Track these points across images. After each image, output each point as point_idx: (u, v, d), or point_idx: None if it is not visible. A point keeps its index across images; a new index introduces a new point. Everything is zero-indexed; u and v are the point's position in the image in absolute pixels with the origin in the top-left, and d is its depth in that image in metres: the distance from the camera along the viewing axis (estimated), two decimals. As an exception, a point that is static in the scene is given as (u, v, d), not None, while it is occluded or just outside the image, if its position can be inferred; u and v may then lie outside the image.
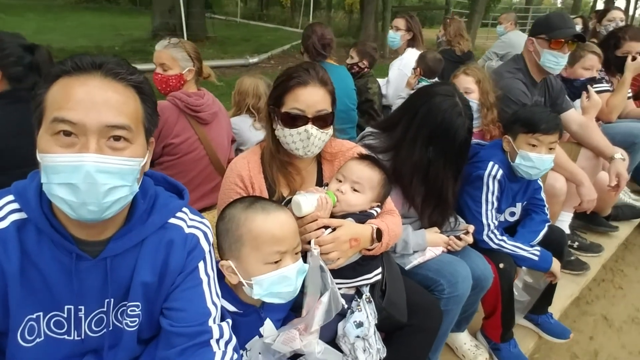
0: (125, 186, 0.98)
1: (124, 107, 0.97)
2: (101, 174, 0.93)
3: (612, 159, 2.78)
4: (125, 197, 0.99)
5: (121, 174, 0.96)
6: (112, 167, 0.94)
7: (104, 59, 0.99)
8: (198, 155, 2.47)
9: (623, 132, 3.27)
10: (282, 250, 1.26)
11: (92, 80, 0.96)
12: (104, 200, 0.94)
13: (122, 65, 1.00)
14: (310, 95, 1.52)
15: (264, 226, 1.25)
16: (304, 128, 1.52)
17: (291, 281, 1.27)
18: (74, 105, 0.93)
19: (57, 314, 1.09)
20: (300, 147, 1.55)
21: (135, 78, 1.02)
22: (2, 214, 1.02)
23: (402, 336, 1.69)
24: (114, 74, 0.98)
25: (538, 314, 2.39)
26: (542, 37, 2.65)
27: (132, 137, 0.98)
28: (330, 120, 1.58)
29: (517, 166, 2.06)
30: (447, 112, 1.83)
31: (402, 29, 4.11)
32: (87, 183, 0.92)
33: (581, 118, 2.93)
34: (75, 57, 0.97)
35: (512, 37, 5.55)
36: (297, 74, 1.53)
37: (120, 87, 0.98)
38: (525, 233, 2.17)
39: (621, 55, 3.41)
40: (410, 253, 1.90)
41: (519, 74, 2.74)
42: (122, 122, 0.96)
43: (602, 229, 3.36)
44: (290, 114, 1.52)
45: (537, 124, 2.00)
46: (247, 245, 1.25)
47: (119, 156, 0.96)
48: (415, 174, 1.90)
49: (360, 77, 3.78)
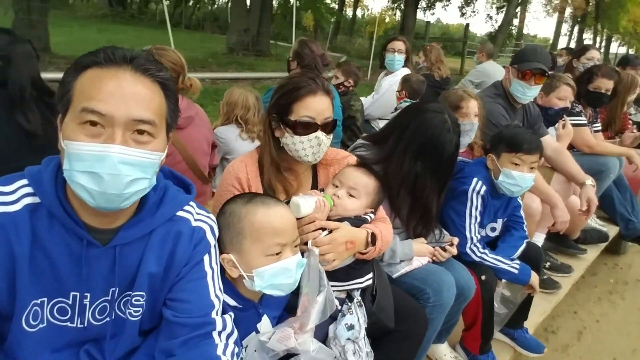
0: (145, 179, 1.01)
1: (151, 103, 1.00)
2: (125, 165, 0.95)
3: (584, 184, 2.93)
4: (144, 189, 1.02)
5: (143, 167, 0.99)
6: (135, 159, 0.97)
7: (135, 53, 1.01)
8: (174, 160, 2.42)
9: (590, 161, 3.46)
10: (282, 242, 1.29)
11: (123, 74, 0.98)
12: (125, 190, 0.97)
13: (151, 61, 1.03)
14: (319, 104, 1.59)
15: (265, 218, 1.29)
16: (315, 135, 1.58)
17: (291, 273, 1.31)
18: (104, 97, 0.95)
19: (62, 300, 1.09)
20: (310, 154, 1.61)
21: (163, 75, 1.04)
22: (15, 197, 1.03)
23: (389, 342, 1.72)
24: (144, 69, 1.00)
25: (514, 328, 2.46)
26: (514, 66, 2.85)
27: (155, 131, 1.01)
28: (334, 126, 1.65)
29: (500, 183, 2.15)
30: (437, 128, 1.91)
31: (404, 51, 4.29)
32: (111, 174, 0.94)
33: (555, 144, 3.10)
34: (108, 49, 1.00)
35: (486, 67, 5.83)
36: (306, 83, 1.59)
37: (149, 83, 1.01)
38: (505, 248, 2.25)
39: (592, 90, 3.65)
40: (398, 262, 1.95)
41: (499, 99, 2.90)
42: (148, 116, 0.99)
43: (571, 251, 3.50)
44: (301, 121, 1.58)
45: (520, 144, 2.11)
46: (249, 237, 1.28)
47: (142, 149, 0.98)
48: (402, 186, 1.96)
49: (344, 95, 3.89)
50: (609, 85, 3.66)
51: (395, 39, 4.38)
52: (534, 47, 3.00)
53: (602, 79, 3.64)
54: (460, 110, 2.43)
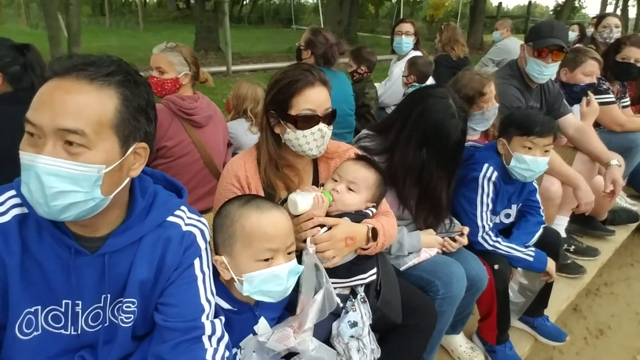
0: (78, 192, 0.94)
1: (84, 111, 0.93)
2: (49, 176, 0.91)
3: (608, 165, 2.79)
4: (83, 203, 0.95)
5: (73, 179, 0.93)
6: (61, 170, 0.92)
7: (78, 61, 0.96)
8: (192, 159, 2.47)
9: (618, 137, 3.29)
10: (273, 248, 1.26)
11: (63, 82, 0.94)
12: (52, 203, 0.93)
13: (99, 65, 0.97)
14: (319, 95, 1.57)
15: (256, 223, 1.26)
16: (318, 127, 1.56)
17: (282, 280, 1.27)
18: (36, 107, 0.93)
19: (55, 308, 1.10)
20: (314, 147, 1.59)
21: (118, 79, 0.97)
22: (4, 209, 1.04)
23: (396, 337, 1.69)
24: (86, 75, 0.95)
25: (534, 316, 2.38)
26: (529, 44, 2.70)
27: (87, 142, 0.93)
28: (334, 117, 1.63)
29: (512, 169, 2.07)
30: (441, 114, 1.85)
31: (412, 33, 4.18)
32: (36, 184, 0.92)
33: (578, 123, 2.96)
34: (56, 60, 0.97)
35: (507, 44, 5.62)
36: (304, 76, 1.56)
37: (91, 89, 0.95)
38: (521, 234, 2.17)
39: (620, 61, 3.45)
40: (405, 254, 1.91)
41: (513, 80, 2.78)
42: (74, 126, 0.91)
43: (598, 233, 3.37)
44: (303, 115, 1.55)
45: (531, 127, 2.02)
46: (239, 241, 1.26)
47: (73, 161, 0.92)
48: (408, 176, 1.91)
49: (358, 82, 3.82)
50: (638, 55, 3.46)
51: (403, 20, 4.28)
52: (550, 22, 2.84)
53: (632, 47, 3.45)
54: (483, 97, 2.33)
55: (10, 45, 2.06)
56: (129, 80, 1.00)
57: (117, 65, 1.00)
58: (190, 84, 2.51)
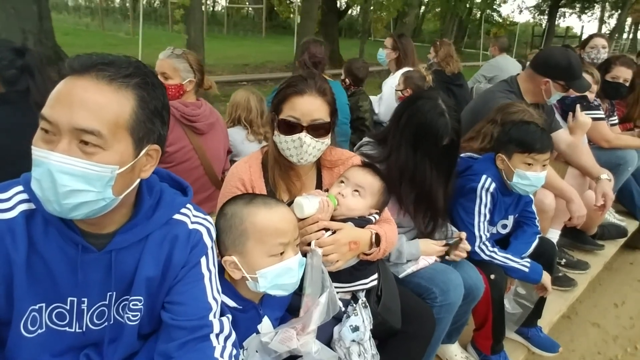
0: (90, 191, 0.94)
1: (101, 112, 0.93)
2: (62, 174, 0.91)
3: (599, 179, 2.85)
4: (94, 202, 0.95)
5: (86, 178, 0.93)
6: (75, 169, 0.91)
7: (98, 60, 0.96)
8: (192, 165, 2.48)
9: (608, 154, 3.37)
10: (285, 242, 1.29)
11: (81, 81, 0.94)
12: (64, 201, 0.92)
13: (119, 66, 0.97)
14: (306, 104, 1.55)
15: (267, 219, 1.28)
16: (298, 136, 1.55)
17: (294, 272, 1.31)
18: (53, 104, 0.93)
19: (60, 305, 1.09)
20: (295, 155, 1.59)
21: (136, 81, 0.98)
22: (11, 204, 1.03)
23: (395, 343, 1.70)
24: (106, 75, 0.95)
25: (528, 327, 2.41)
26: (560, 82, 2.69)
27: (103, 143, 0.93)
28: (328, 129, 1.61)
29: (515, 185, 2.09)
30: (429, 113, 1.87)
31: (389, 48, 4.28)
32: (48, 181, 0.91)
33: (570, 138, 3.02)
34: (75, 58, 0.97)
35: (500, 61, 5.74)
36: (295, 83, 1.58)
37: (109, 90, 0.95)
38: (518, 244, 2.21)
39: (610, 80, 3.55)
40: (404, 262, 1.92)
41: (511, 95, 2.83)
42: (92, 126, 0.91)
43: (588, 247, 3.42)
44: (286, 121, 1.56)
45: (532, 144, 2.04)
46: (252, 238, 1.28)
47: (86, 160, 0.92)
48: (403, 178, 1.92)
49: (351, 95, 3.87)
50: (627, 75, 3.56)
51: (389, 35, 4.41)
52: (576, 59, 2.77)
53: (621, 67, 3.55)
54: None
55: (10, 48, 2.06)
56: (147, 83, 1.00)
57: (135, 67, 0.99)
58: (194, 91, 2.52)
